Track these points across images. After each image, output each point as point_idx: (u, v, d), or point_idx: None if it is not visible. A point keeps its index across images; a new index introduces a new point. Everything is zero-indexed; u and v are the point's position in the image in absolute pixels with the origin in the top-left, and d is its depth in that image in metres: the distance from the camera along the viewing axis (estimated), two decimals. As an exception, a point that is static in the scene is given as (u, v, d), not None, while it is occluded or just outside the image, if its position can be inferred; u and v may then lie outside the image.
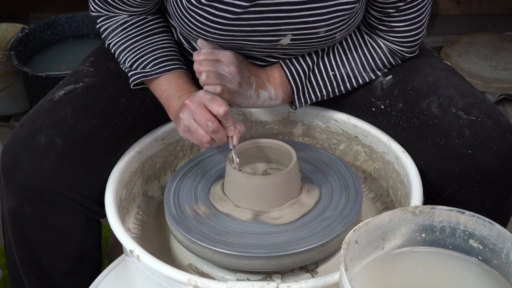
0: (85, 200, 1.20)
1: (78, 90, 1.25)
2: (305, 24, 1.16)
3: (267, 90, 1.25)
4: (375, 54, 1.27)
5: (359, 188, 1.19)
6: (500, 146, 1.15)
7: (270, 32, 1.17)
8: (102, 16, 1.28)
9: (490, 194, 1.17)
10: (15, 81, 2.35)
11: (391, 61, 1.29)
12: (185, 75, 1.27)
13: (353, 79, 1.28)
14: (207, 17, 1.15)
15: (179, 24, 1.21)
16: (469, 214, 0.93)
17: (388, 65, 1.29)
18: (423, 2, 1.20)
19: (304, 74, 1.26)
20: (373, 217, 0.93)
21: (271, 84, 1.26)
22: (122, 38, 1.27)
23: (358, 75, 1.28)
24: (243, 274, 1.12)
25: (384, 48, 1.27)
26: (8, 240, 1.27)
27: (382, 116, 1.28)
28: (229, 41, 1.18)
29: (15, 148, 1.18)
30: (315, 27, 1.17)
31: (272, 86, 1.26)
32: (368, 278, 0.92)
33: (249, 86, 1.22)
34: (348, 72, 1.27)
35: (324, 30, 1.18)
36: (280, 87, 1.26)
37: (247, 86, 1.21)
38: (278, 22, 1.16)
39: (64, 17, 2.48)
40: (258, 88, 1.24)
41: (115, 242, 1.67)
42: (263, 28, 1.16)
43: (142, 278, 1.11)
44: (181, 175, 1.24)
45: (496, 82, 2.44)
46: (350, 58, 1.27)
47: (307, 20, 1.16)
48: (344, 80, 1.28)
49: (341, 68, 1.27)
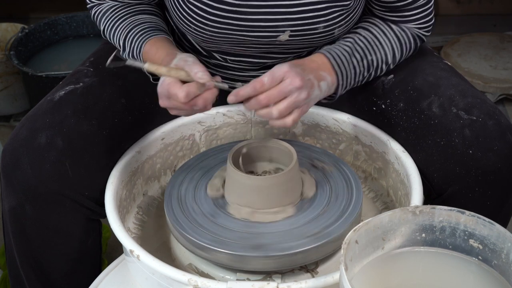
0: (86, 200, 1.20)
1: (78, 90, 1.25)
2: (304, 20, 1.17)
3: (325, 79, 1.17)
4: (401, 38, 1.27)
5: (359, 188, 1.19)
6: (500, 146, 1.15)
7: (268, 28, 1.18)
8: (95, 4, 1.30)
9: (490, 194, 1.18)
10: (15, 81, 2.35)
11: (412, 47, 1.29)
12: (160, 40, 1.24)
13: (384, 65, 1.27)
14: (205, 9, 1.16)
15: (177, 17, 1.21)
16: (469, 214, 0.93)
17: (410, 51, 1.29)
18: None
19: (346, 59, 1.22)
20: (373, 217, 0.93)
21: (325, 71, 1.18)
22: (112, 20, 1.28)
23: (390, 61, 1.27)
24: (243, 274, 1.12)
25: (408, 31, 1.28)
26: (8, 240, 1.27)
27: (382, 116, 1.28)
28: (227, 36, 1.19)
29: (15, 148, 1.18)
30: (314, 23, 1.17)
31: (326, 73, 1.18)
32: (368, 278, 0.92)
33: (313, 88, 1.14)
34: (382, 57, 1.26)
35: (323, 26, 1.18)
36: (332, 72, 1.20)
37: (312, 89, 1.14)
38: (277, 17, 1.17)
39: (64, 17, 2.48)
40: (319, 82, 1.16)
41: (115, 242, 1.67)
42: (261, 23, 1.17)
43: (142, 278, 1.11)
44: (181, 175, 1.24)
45: (496, 82, 2.44)
46: (383, 43, 1.26)
47: (306, 16, 1.16)
48: (378, 66, 1.26)
49: (377, 52, 1.25)
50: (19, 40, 2.35)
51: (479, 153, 1.15)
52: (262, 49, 1.24)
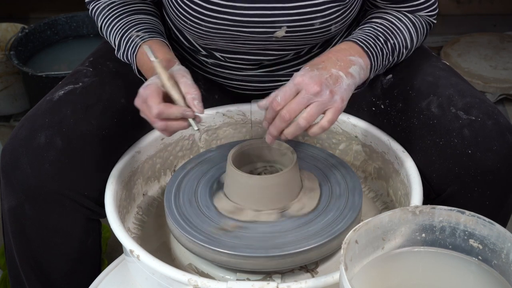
0: (85, 200, 1.20)
1: (78, 90, 1.25)
2: (300, 16, 1.17)
3: (356, 63, 1.15)
4: (416, 23, 1.28)
5: (359, 188, 1.19)
6: (499, 146, 1.15)
7: (265, 24, 1.18)
8: (92, 0, 1.31)
9: (489, 194, 1.17)
10: (15, 81, 2.35)
11: (423, 32, 1.30)
12: (157, 43, 1.23)
13: (404, 49, 1.26)
14: (201, 4, 1.16)
15: (173, 13, 1.21)
16: (469, 214, 0.93)
17: (424, 36, 1.30)
18: None
19: (373, 41, 1.21)
20: (373, 217, 0.93)
21: (354, 55, 1.16)
22: (109, 18, 1.28)
23: (409, 45, 1.27)
24: (243, 274, 1.12)
25: (419, 16, 1.29)
26: (8, 240, 1.27)
27: (382, 116, 1.28)
28: (223, 32, 1.19)
29: (15, 148, 1.18)
30: (310, 19, 1.18)
31: (357, 56, 1.16)
32: (368, 278, 0.92)
33: (338, 81, 1.11)
34: (402, 41, 1.26)
35: (319, 22, 1.18)
36: (364, 54, 1.18)
37: (337, 84, 1.11)
38: (274, 13, 1.17)
39: (64, 17, 2.48)
40: (347, 70, 1.13)
41: (115, 242, 1.67)
42: (258, 19, 1.17)
43: (142, 278, 1.11)
44: (181, 175, 1.24)
45: (496, 82, 2.44)
46: (401, 28, 1.26)
47: (302, 11, 1.17)
48: (400, 50, 1.26)
49: (397, 36, 1.25)
50: (19, 40, 2.35)
51: (478, 153, 1.15)
52: (259, 45, 1.24)
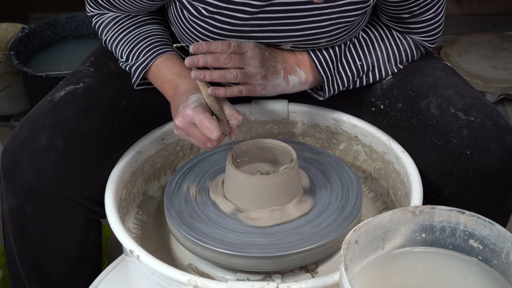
0: (86, 200, 1.20)
1: (79, 90, 1.25)
2: (306, 37, 1.19)
3: (297, 74, 1.23)
4: (401, 45, 1.28)
5: (359, 188, 1.19)
6: (498, 147, 1.15)
7: (270, 40, 1.19)
8: (96, 14, 1.30)
9: (488, 195, 1.18)
10: (15, 81, 2.35)
11: (414, 54, 1.29)
12: (175, 57, 1.25)
13: (376, 70, 1.27)
14: (208, 28, 1.17)
15: (180, 32, 1.22)
16: (469, 214, 0.93)
17: (411, 58, 1.30)
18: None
19: (332, 64, 1.24)
20: (373, 217, 0.93)
21: (301, 68, 1.24)
22: (116, 32, 1.28)
23: (382, 67, 1.27)
24: (243, 274, 1.12)
25: (409, 40, 1.28)
26: (9, 240, 1.27)
27: (381, 116, 1.28)
28: None
29: (16, 149, 1.18)
30: (316, 39, 1.19)
31: (302, 70, 1.24)
32: (368, 278, 0.92)
33: (276, 75, 1.20)
34: (374, 63, 1.27)
35: (325, 41, 1.20)
36: (310, 72, 1.24)
37: (274, 76, 1.20)
38: (279, 35, 1.19)
39: (64, 17, 2.48)
40: (287, 75, 1.22)
41: (115, 242, 1.67)
42: (263, 40, 1.19)
43: (142, 278, 1.11)
44: (181, 175, 1.24)
45: (496, 82, 2.44)
46: (377, 48, 1.27)
47: (308, 33, 1.19)
48: (369, 71, 1.27)
49: (368, 58, 1.26)
50: (19, 40, 2.35)
51: (477, 153, 1.15)
52: None
